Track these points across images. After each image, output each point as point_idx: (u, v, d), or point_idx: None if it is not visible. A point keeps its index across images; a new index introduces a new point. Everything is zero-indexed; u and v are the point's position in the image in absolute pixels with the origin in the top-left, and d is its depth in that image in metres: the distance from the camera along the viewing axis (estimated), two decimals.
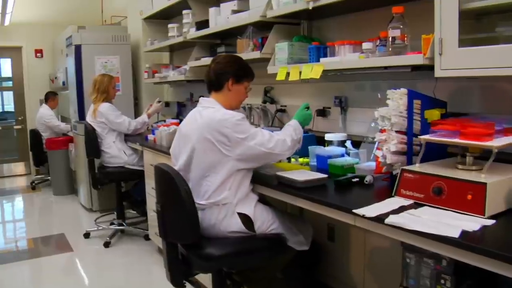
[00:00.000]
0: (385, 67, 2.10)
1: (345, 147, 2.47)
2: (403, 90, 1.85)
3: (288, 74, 2.54)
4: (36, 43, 7.31)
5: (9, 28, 7.07)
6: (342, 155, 2.35)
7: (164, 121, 4.56)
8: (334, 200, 1.76)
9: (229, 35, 3.60)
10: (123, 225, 4.16)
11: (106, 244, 3.91)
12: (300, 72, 2.44)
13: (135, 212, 4.36)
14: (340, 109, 2.66)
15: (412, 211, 1.55)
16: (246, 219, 1.99)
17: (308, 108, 2.25)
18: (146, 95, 5.14)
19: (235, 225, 1.97)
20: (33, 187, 6.41)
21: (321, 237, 2.72)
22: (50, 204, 5.71)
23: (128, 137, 4.08)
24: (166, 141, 3.29)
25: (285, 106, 3.13)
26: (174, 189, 1.86)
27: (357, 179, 1.97)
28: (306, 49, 2.65)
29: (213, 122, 1.95)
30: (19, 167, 7.53)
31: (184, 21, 3.81)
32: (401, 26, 1.96)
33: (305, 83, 2.96)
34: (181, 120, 4.43)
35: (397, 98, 1.85)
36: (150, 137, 3.79)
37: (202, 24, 3.49)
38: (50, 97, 6.33)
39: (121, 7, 5.89)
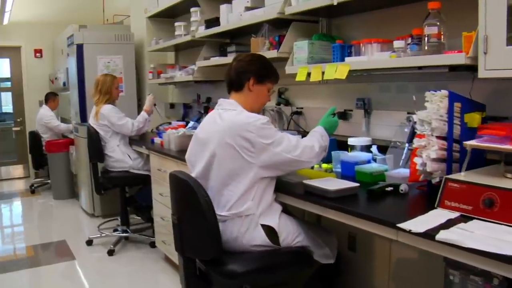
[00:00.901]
0: (419, 67, 1.96)
1: (370, 152, 2.32)
2: (444, 92, 1.70)
3: (309, 74, 2.38)
4: (36, 43, 7.13)
5: (8, 27, 6.90)
6: (369, 161, 2.20)
7: (170, 123, 4.41)
8: (369, 211, 1.61)
9: (239, 34, 3.45)
10: (127, 232, 3.99)
11: (110, 252, 3.74)
12: (323, 73, 2.29)
13: (139, 218, 4.18)
14: (364, 111, 2.51)
15: (462, 225, 1.39)
16: (270, 232, 1.83)
17: (334, 114, 2.10)
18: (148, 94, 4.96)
19: (259, 238, 1.81)
20: (32, 190, 6.23)
21: (341, 247, 2.55)
22: (50, 208, 5.53)
23: (132, 140, 3.91)
24: (175, 144, 3.13)
25: (302, 108, 2.97)
26: (193, 200, 1.70)
27: (391, 188, 1.81)
28: (327, 48, 2.52)
29: (235, 126, 1.79)
30: (17, 170, 7.34)
31: (192, 19, 3.66)
32: (438, 23, 1.81)
33: (323, 84, 2.81)
34: (187, 122, 4.29)
35: (436, 101, 1.71)
36: (157, 140, 3.62)
37: (212, 22, 3.33)
38: (51, 98, 6.16)
39: (124, 6, 5.73)
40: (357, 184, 1.82)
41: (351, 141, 2.33)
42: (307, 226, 2.00)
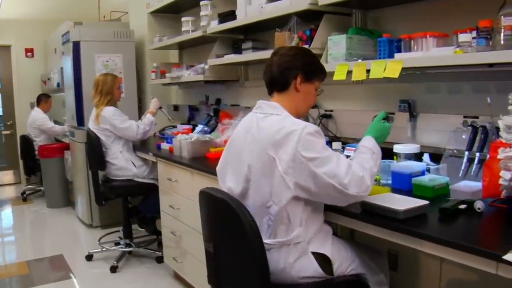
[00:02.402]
0: (490, 65, 1.68)
1: (420, 161, 2.03)
2: None
3: (349, 73, 2.09)
4: (26, 42, 6.76)
5: None
6: (423, 173, 1.91)
7: (175, 126, 4.09)
8: (449, 235, 1.31)
9: (255, 29, 3.16)
10: (131, 246, 3.66)
11: (113, 269, 3.41)
12: (368, 71, 2.00)
13: (143, 229, 3.85)
14: (409, 115, 2.22)
15: None
16: (323, 260, 1.53)
17: (386, 119, 1.77)
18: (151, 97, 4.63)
19: (310, 269, 1.51)
20: (24, 198, 5.85)
21: None
22: (43, 218, 5.16)
23: (136, 146, 3.58)
24: (188, 151, 2.81)
25: (331, 111, 2.68)
26: (235, 224, 1.40)
27: (465, 206, 1.53)
28: (365, 43, 2.24)
29: (279, 135, 1.48)
30: (7, 176, 6.94)
31: (202, 13, 3.34)
32: None
33: (357, 84, 2.53)
34: (194, 126, 3.97)
35: None
36: (164, 145, 3.30)
37: (227, 16, 3.03)
38: (43, 100, 5.80)
39: (120, 2, 5.39)
40: (427, 202, 1.53)
41: (398, 148, 2.04)
42: (358, 249, 1.70)
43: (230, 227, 1.45)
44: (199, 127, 3.62)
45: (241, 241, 1.41)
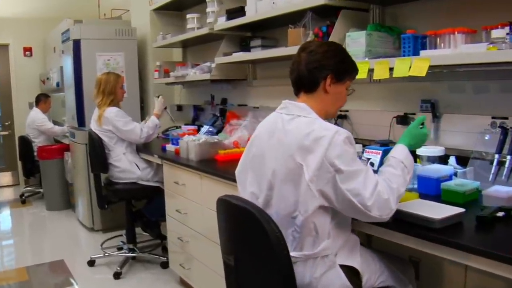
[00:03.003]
0: None
1: (445, 164, 1.93)
2: None
3: (370, 71, 1.98)
4: (25, 40, 6.61)
5: None
6: (451, 177, 1.80)
7: (179, 127, 3.97)
8: (495, 247, 1.20)
9: (263, 26, 3.05)
10: (135, 251, 3.53)
11: (117, 275, 3.28)
12: (391, 69, 1.89)
13: (147, 234, 3.72)
14: (432, 116, 2.11)
15: None
16: (351, 273, 1.42)
17: (423, 124, 1.63)
18: (154, 97, 4.51)
19: (338, 283, 1.39)
20: (23, 200, 5.71)
21: None
22: (43, 221, 5.03)
23: (140, 147, 3.46)
24: (195, 153, 2.69)
25: (347, 111, 2.56)
26: (259, 236, 1.28)
27: (503, 213, 1.42)
28: (385, 40, 2.14)
29: (308, 139, 1.36)
30: (5, 177, 6.80)
31: (209, 9, 3.23)
32: None
33: (373, 83, 2.41)
34: (199, 127, 3.85)
35: None
36: (169, 147, 3.18)
37: (235, 12, 2.91)
38: (42, 100, 5.67)
39: (121, 0, 5.27)
40: (463, 210, 1.42)
41: (421, 151, 1.92)
42: (387, 259, 1.59)
43: (253, 239, 1.33)
44: (205, 127, 3.50)
45: (266, 254, 1.29)
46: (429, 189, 1.75)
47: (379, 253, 1.61)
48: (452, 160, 1.92)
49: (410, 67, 1.81)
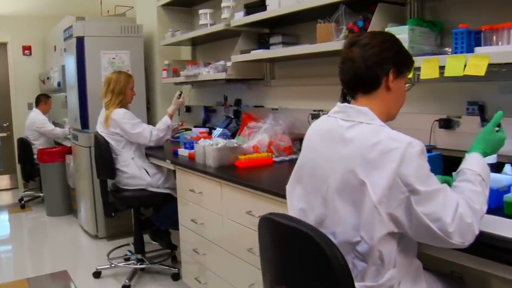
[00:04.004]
0: None
1: (499, 172, 1.73)
2: None
3: (415, 70, 1.78)
4: (24, 39, 6.40)
5: None
6: (509, 188, 1.60)
7: (190, 129, 3.76)
8: None
9: (284, 22, 2.85)
10: (143, 262, 3.32)
11: None
12: (441, 67, 1.69)
13: (156, 243, 3.51)
14: (480, 119, 1.91)
15: None
16: None
17: (499, 126, 1.39)
18: (161, 98, 4.31)
19: None
20: (22, 205, 5.48)
21: None
22: (43, 227, 4.81)
23: (149, 151, 3.25)
24: (213, 159, 2.48)
25: None
26: (319, 263, 1.07)
27: None
28: (428, 36, 1.94)
29: (373, 152, 1.15)
30: (4, 181, 6.57)
31: (224, 4, 3.02)
32: None
33: (408, 83, 2.21)
34: (210, 129, 3.64)
35: None
36: (182, 151, 2.97)
37: (255, 6, 2.71)
38: (42, 100, 5.45)
39: None
40: None
41: None
42: (445, 281, 1.39)
43: (310, 266, 1.12)
44: (218, 130, 3.29)
45: (328, 285, 1.08)
46: (489, 200, 1.55)
47: (436, 274, 1.41)
48: (507, 168, 1.72)
49: (465, 66, 1.61)
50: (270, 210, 1.98)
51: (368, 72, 1.27)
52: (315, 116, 2.56)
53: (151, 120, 4.30)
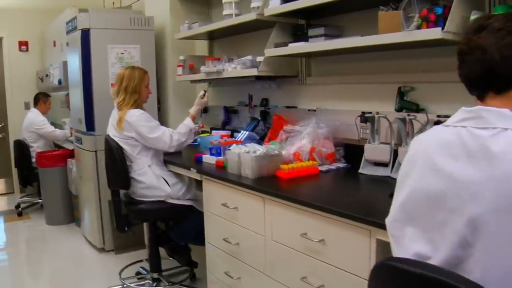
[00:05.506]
0: None
1: None
2: None
3: None
4: (20, 34, 5.99)
5: None
6: None
7: (207, 132, 3.41)
8: None
9: (322, 12, 2.50)
10: (159, 281, 2.95)
11: None
12: None
13: (173, 259, 3.14)
14: None
15: None
16: None
17: None
18: (174, 98, 3.93)
19: None
20: (19, 212, 5.08)
21: None
22: (43, 238, 4.41)
23: (168, 157, 2.87)
24: (252, 170, 2.12)
25: (447, 116, 2.00)
26: None
27: None
28: None
29: None
30: None
31: None
32: None
33: None
34: (232, 132, 3.28)
35: None
36: (207, 158, 2.61)
37: None
38: (41, 100, 5.07)
39: None
40: None
41: None
42: None
43: None
44: (243, 133, 2.95)
45: None
46: None
47: None
48: None
49: None
50: (332, 233, 1.64)
51: (506, 65, 0.96)
52: (369, 118, 2.20)
53: (162, 122, 3.91)
